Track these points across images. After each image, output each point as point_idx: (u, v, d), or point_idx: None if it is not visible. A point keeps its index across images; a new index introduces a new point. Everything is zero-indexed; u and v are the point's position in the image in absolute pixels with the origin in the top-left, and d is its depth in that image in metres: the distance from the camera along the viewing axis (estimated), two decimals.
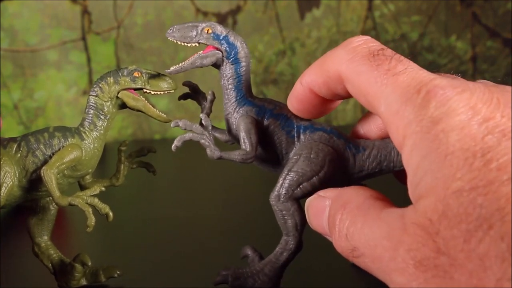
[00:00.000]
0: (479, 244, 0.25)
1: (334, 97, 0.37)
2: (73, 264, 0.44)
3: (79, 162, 0.41)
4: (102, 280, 0.45)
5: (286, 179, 0.39)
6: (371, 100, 0.32)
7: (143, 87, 0.42)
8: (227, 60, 0.41)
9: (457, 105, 0.28)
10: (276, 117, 0.40)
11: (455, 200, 0.26)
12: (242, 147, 0.39)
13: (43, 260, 0.45)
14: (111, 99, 0.42)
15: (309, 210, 0.36)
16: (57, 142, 0.41)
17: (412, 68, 0.31)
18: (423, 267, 0.27)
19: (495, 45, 1.01)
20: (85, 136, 0.42)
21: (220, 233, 0.56)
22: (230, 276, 0.40)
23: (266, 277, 0.40)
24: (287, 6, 0.98)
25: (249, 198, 0.66)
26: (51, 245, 0.45)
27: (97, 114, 0.42)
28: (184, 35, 0.41)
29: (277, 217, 0.39)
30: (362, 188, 0.33)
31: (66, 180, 0.42)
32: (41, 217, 0.44)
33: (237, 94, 0.41)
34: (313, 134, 0.40)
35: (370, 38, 0.35)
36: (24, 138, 0.42)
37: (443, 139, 0.28)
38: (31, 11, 0.93)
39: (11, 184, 0.41)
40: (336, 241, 0.32)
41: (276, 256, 0.40)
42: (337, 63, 0.34)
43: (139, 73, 0.42)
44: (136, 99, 0.42)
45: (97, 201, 0.41)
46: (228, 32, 0.41)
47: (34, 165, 0.41)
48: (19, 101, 0.95)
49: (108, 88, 0.42)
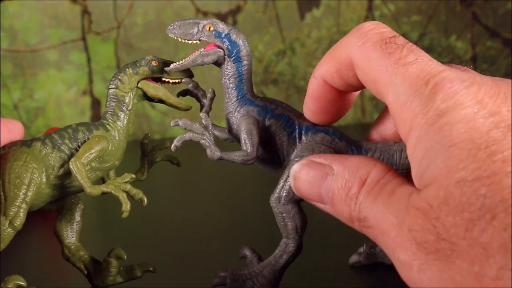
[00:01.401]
0: (482, 233, 0.25)
1: (347, 88, 0.36)
2: (108, 259, 0.43)
3: (106, 153, 0.41)
4: (137, 275, 0.44)
5: (287, 181, 0.38)
6: (380, 88, 0.32)
7: (162, 76, 0.42)
8: (229, 59, 0.40)
9: (464, 99, 0.28)
10: (277, 118, 0.40)
11: (458, 189, 0.26)
12: (243, 148, 0.39)
13: (75, 263, 0.44)
14: (131, 90, 0.42)
15: (299, 176, 0.35)
16: (82, 136, 0.41)
17: (423, 59, 0.31)
18: (425, 249, 0.27)
19: (495, 45, 1.01)
20: (110, 127, 0.42)
21: (219, 234, 0.56)
22: (228, 278, 0.40)
23: (265, 279, 0.39)
24: (287, 6, 0.98)
25: (248, 199, 0.66)
26: (81, 246, 0.44)
27: (119, 106, 0.42)
28: (185, 32, 0.40)
29: (277, 219, 0.39)
30: (379, 162, 0.33)
31: (94, 173, 0.41)
32: (68, 219, 0.44)
33: (239, 93, 0.40)
34: (315, 136, 0.39)
35: (381, 23, 0.34)
36: (47, 136, 0.42)
37: (448, 132, 0.28)
38: (31, 11, 0.93)
39: (40, 181, 0.40)
40: (343, 211, 0.32)
41: (276, 258, 0.39)
42: (349, 48, 0.34)
43: (157, 62, 0.42)
44: (156, 87, 0.42)
45: (130, 187, 0.41)
46: (230, 30, 0.40)
47: (61, 160, 0.41)
48: (19, 101, 0.95)
49: (127, 79, 0.42)
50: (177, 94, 0.44)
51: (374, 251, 0.45)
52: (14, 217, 0.39)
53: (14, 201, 0.39)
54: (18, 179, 0.39)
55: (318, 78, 0.37)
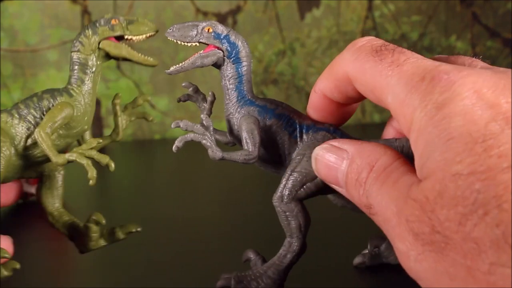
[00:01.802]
0: (474, 228, 0.26)
1: (347, 101, 0.38)
2: (87, 225, 0.43)
3: (72, 119, 0.41)
4: (120, 238, 0.43)
5: (289, 179, 0.39)
6: (378, 93, 0.33)
7: (123, 34, 0.42)
8: (228, 60, 0.40)
9: (461, 89, 0.28)
10: (278, 117, 0.40)
11: (453, 183, 0.27)
12: (245, 147, 0.39)
13: (59, 228, 0.44)
14: (93, 51, 0.42)
15: (319, 159, 0.36)
16: (47, 103, 0.41)
17: (416, 58, 0.32)
18: (421, 240, 0.27)
19: (495, 45, 1.01)
20: (74, 93, 0.41)
21: (221, 235, 0.56)
22: (232, 279, 0.40)
23: (269, 279, 0.39)
24: (287, 6, 0.98)
25: (249, 199, 0.65)
26: (64, 211, 0.44)
27: (82, 69, 0.42)
28: (184, 35, 0.40)
29: (280, 218, 0.39)
30: (389, 148, 0.33)
31: (64, 140, 0.42)
32: (48, 186, 0.44)
33: (239, 94, 0.40)
34: (316, 134, 0.40)
35: (374, 37, 0.35)
36: (14, 107, 0.42)
37: (446, 124, 0.28)
38: (31, 11, 0.93)
39: (9, 154, 0.40)
40: (354, 195, 0.33)
41: (280, 258, 0.39)
42: (344, 65, 0.35)
43: (117, 20, 0.42)
44: (118, 46, 0.42)
45: (94, 153, 0.40)
46: (229, 31, 0.40)
47: (27, 130, 0.41)
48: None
49: (88, 40, 0.42)
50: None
51: (379, 251, 0.45)
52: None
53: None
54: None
55: (319, 92, 0.38)
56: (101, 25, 0.42)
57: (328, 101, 0.38)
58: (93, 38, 0.42)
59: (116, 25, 0.42)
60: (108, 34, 0.42)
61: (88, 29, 0.42)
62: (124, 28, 0.42)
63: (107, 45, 0.42)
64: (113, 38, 0.42)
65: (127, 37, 0.42)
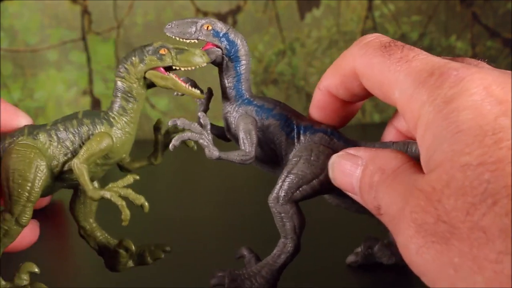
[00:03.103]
0: (482, 218, 0.26)
1: (352, 98, 0.38)
2: (117, 250, 0.43)
3: (110, 150, 0.40)
4: (149, 263, 0.43)
5: (285, 181, 0.39)
6: (385, 89, 0.33)
7: (172, 64, 0.39)
8: (227, 58, 0.40)
9: (470, 85, 0.29)
10: (276, 117, 0.40)
11: (461, 173, 0.27)
12: (241, 147, 0.39)
13: (90, 243, 0.44)
14: (138, 80, 0.40)
15: (336, 166, 0.36)
16: (86, 130, 0.40)
17: (425, 55, 0.32)
18: (423, 231, 0.27)
19: (495, 45, 1.01)
20: (115, 122, 0.40)
21: (216, 234, 0.56)
22: (226, 277, 0.40)
23: (263, 279, 0.39)
24: (287, 6, 0.98)
25: (246, 199, 0.66)
26: (97, 227, 0.44)
27: (125, 97, 0.40)
28: (183, 31, 0.40)
29: (276, 219, 0.39)
30: (400, 153, 0.33)
31: (101, 168, 0.41)
32: (83, 201, 0.43)
33: (237, 93, 0.40)
34: (314, 136, 0.39)
35: (381, 34, 0.35)
36: (53, 127, 0.40)
37: (455, 118, 0.28)
38: (31, 11, 0.93)
39: (45, 177, 0.39)
40: (367, 200, 0.33)
41: (274, 258, 0.39)
42: (351, 60, 0.35)
43: (166, 50, 0.39)
44: (165, 78, 0.39)
45: (130, 192, 0.39)
46: (228, 29, 0.40)
47: (64, 156, 0.40)
48: (19, 101, 0.95)
49: (134, 69, 0.39)
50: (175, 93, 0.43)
51: (372, 252, 0.45)
52: (20, 215, 0.39)
53: (19, 200, 0.39)
54: (22, 177, 0.39)
55: (323, 89, 0.38)
56: (149, 54, 0.39)
57: (332, 98, 0.38)
58: (139, 66, 0.39)
59: (165, 55, 0.39)
60: (156, 64, 0.39)
61: (135, 56, 0.40)
62: (173, 58, 0.39)
63: (154, 76, 0.39)
64: (160, 68, 0.39)
65: (175, 67, 0.39)
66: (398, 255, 0.44)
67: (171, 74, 0.40)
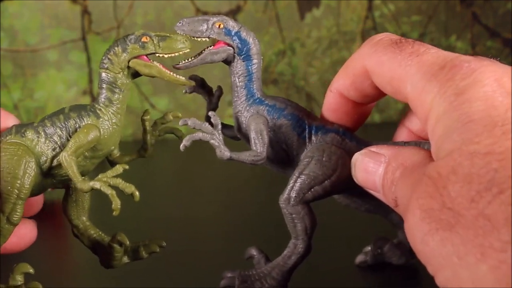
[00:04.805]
0: (487, 206, 0.26)
1: (364, 99, 0.38)
2: (111, 245, 0.42)
3: (98, 142, 0.39)
4: (144, 257, 0.43)
5: (297, 182, 0.38)
6: (396, 84, 0.33)
7: (155, 52, 0.39)
8: (239, 57, 0.40)
9: (482, 77, 0.29)
10: (287, 117, 0.39)
11: (469, 161, 0.27)
12: (253, 148, 0.38)
13: (84, 241, 0.43)
14: (122, 70, 0.40)
15: (358, 165, 0.36)
16: (73, 124, 0.40)
17: (436, 49, 0.32)
18: (428, 218, 0.27)
19: (495, 45, 1.01)
20: (101, 113, 0.40)
21: (224, 234, 0.56)
22: (236, 278, 0.40)
23: (273, 280, 0.39)
24: (287, 6, 0.98)
25: (253, 199, 0.65)
26: (90, 225, 0.43)
27: (110, 88, 0.40)
28: (194, 29, 0.39)
29: (287, 220, 0.39)
30: (422, 150, 0.33)
31: (90, 161, 0.40)
32: (75, 199, 0.43)
33: (248, 92, 0.40)
34: (325, 136, 0.39)
35: (391, 33, 0.36)
36: (40, 124, 0.40)
37: (466, 108, 0.28)
38: (31, 11, 0.93)
39: (34, 174, 0.39)
40: (389, 197, 0.33)
41: (284, 259, 0.39)
42: (362, 59, 0.35)
43: (148, 38, 0.39)
44: (149, 66, 0.39)
45: (120, 181, 0.39)
46: (240, 28, 0.40)
47: (53, 151, 0.40)
48: (19, 101, 0.95)
49: (117, 58, 0.39)
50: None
51: (382, 251, 0.45)
52: (11, 213, 0.38)
53: (9, 198, 0.38)
54: (11, 174, 0.38)
55: (334, 91, 0.38)
56: (131, 43, 0.39)
57: (344, 100, 0.39)
58: (122, 56, 0.39)
59: (147, 42, 0.39)
60: (138, 52, 0.39)
61: (117, 46, 0.40)
62: (156, 45, 0.39)
63: (138, 64, 0.39)
64: (143, 56, 0.39)
65: (159, 54, 0.39)
66: (408, 255, 0.44)
67: (155, 62, 0.40)
